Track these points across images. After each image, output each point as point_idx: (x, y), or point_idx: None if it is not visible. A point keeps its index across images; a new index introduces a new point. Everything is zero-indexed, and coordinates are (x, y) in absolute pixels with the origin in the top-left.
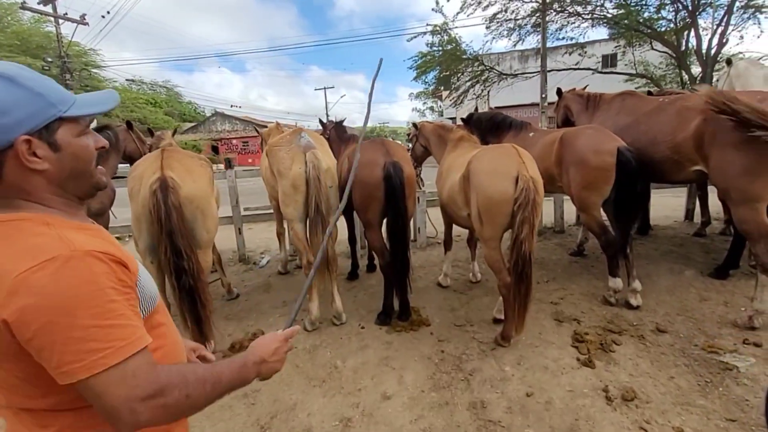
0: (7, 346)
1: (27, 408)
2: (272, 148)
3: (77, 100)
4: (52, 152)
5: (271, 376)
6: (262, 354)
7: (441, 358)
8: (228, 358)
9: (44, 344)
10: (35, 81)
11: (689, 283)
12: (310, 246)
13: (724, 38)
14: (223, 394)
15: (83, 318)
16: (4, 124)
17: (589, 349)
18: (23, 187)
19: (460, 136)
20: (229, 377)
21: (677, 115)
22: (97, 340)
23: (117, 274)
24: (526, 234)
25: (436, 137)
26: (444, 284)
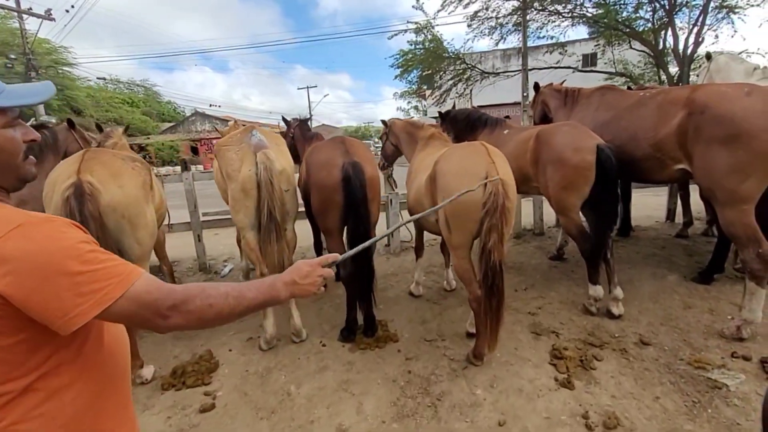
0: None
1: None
2: (220, 148)
3: (5, 90)
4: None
5: (305, 297)
6: (293, 276)
7: (407, 380)
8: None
9: (46, 298)
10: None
11: (673, 288)
12: (264, 257)
13: (699, 37)
14: (251, 308)
15: (74, 266)
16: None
17: (568, 367)
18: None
19: (430, 134)
20: (255, 294)
21: (658, 110)
22: (96, 281)
23: (80, 231)
24: (493, 243)
25: (406, 135)
26: (416, 293)
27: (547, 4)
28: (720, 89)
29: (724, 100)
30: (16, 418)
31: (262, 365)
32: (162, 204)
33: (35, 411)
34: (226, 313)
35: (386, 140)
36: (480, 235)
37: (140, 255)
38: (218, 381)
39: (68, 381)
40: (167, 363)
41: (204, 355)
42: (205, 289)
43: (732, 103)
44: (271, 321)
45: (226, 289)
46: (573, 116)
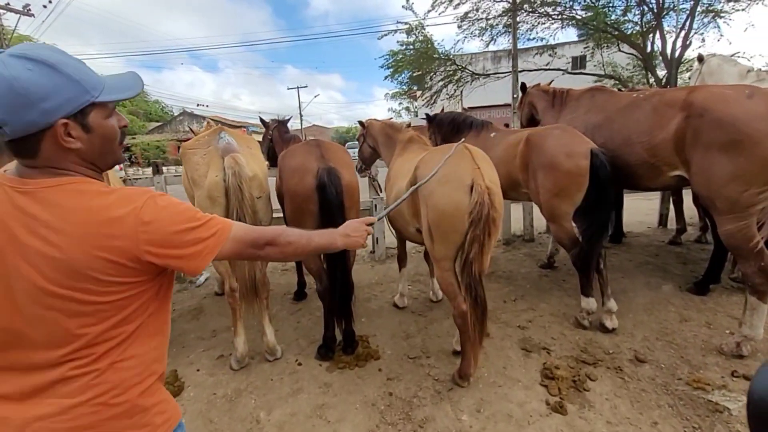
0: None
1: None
2: (186, 151)
3: (106, 85)
4: (84, 133)
5: (356, 248)
6: (347, 230)
7: (388, 403)
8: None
9: (181, 246)
10: (73, 68)
11: (668, 300)
12: (233, 269)
13: (687, 41)
14: (317, 248)
15: (192, 222)
16: (46, 108)
17: (560, 388)
18: (57, 162)
19: (409, 137)
20: (319, 239)
21: (654, 112)
22: (209, 229)
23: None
24: (475, 254)
25: (384, 137)
26: (400, 305)
27: (537, 6)
28: (720, 91)
29: (724, 102)
30: (118, 357)
31: (232, 387)
32: None
33: (131, 351)
34: (300, 251)
35: (363, 142)
36: (463, 245)
37: None
38: (182, 406)
39: (153, 330)
40: None
41: (168, 378)
42: (285, 230)
43: (733, 106)
44: (242, 339)
45: (300, 232)
46: (561, 119)
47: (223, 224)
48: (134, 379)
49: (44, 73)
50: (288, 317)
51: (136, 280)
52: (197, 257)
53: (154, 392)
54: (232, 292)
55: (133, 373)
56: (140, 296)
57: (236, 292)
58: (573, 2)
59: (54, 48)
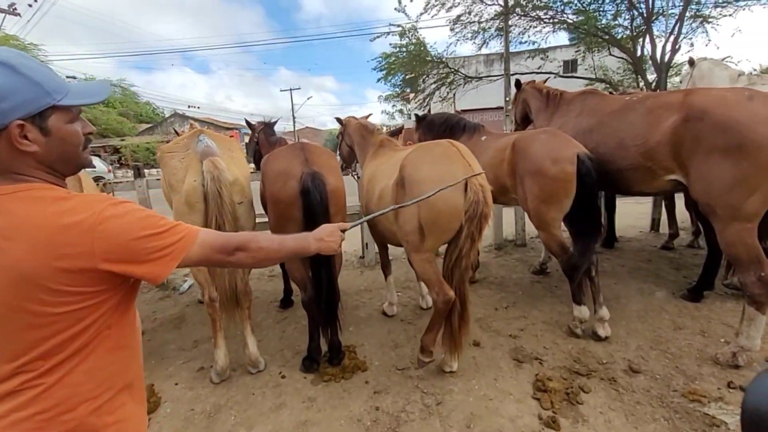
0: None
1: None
2: (164, 155)
3: (71, 89)
4: (42, 136)
5: (327, 252)
6: (322, 234)
7: (374, 418)
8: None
9: (143, 254)
10: (34, 70)
11: (661, 306)
12: (213, 278)
13: (676, 45)
14: (290, 253)
15: (152, 229)
16: (2, 109)
17: (552, 401)
18: (13, 165)
19: (380, 140)
20: (292, 243)
21: (648, 115)
22: (173, 236)
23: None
24: (467, 249)
25: (359, 137)
26: (389, 313)
27: (529, 10)
28: (719, 93)
29: (726, 105)
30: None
31: (211, 402)
32: None
33: (85, 365)
34: (273, 254)
35: (342, 140)
36: (457, 239)
37: None
38: (157, 424)
39: (113, 344)
40: None
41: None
42: (257, 235)
43: (735, 109)
44: (222, 351)
45: (273, 237)
46: (554, 122)
47: (189, 230)
48: (85, 395)
49: (2, 74)
50: (273, 326)
51: (94, 290)
52: (159, 265)
53: (111, 411)
54: (212, 302)
55: (85, 389)
56: (98, 307)
57: (216, 302)
58: (564, 6)
59: (17, 51)
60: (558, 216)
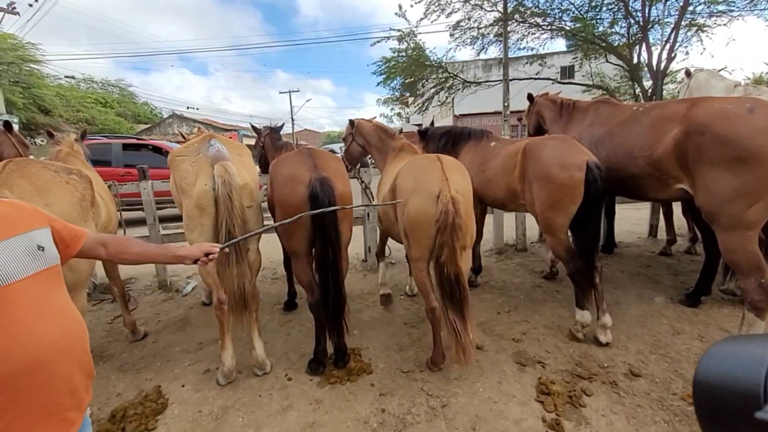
0: None
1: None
2: (175, 159)
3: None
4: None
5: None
6: (183, 251)
7: (380, 420)
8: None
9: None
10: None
11: (660, 312)
12: (221, 281)
13: (672, 53)
14: (151, 258)
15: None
16: None
17: (556, 404)
18: None
19: (401, 145)
20: (155, 250)
21: (652, 127)
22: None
23: None
24: (446, 257)
25: (377, 140)
26: (383, 292)
27: (527, 17)
28: (720, 106)
29: (726, 119)
30: None
31: (218, 404)
32: (110, 221)
33: None
34: (134, 255)
35: (351, 141)
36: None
37: (74, 283)
38: (164, 425)
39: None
40: (108, 402)
41: (150, 394)
42: (117, 238)
43: (736, 123)
44: (230, 353)
45: (139, 242)
46: (568, 130)
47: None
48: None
49: None
50: (278, 329)
51: None
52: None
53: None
54: (220, 304)
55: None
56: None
57: (224, 304)
58: (562, 14)
59: None
60: (565, 222)
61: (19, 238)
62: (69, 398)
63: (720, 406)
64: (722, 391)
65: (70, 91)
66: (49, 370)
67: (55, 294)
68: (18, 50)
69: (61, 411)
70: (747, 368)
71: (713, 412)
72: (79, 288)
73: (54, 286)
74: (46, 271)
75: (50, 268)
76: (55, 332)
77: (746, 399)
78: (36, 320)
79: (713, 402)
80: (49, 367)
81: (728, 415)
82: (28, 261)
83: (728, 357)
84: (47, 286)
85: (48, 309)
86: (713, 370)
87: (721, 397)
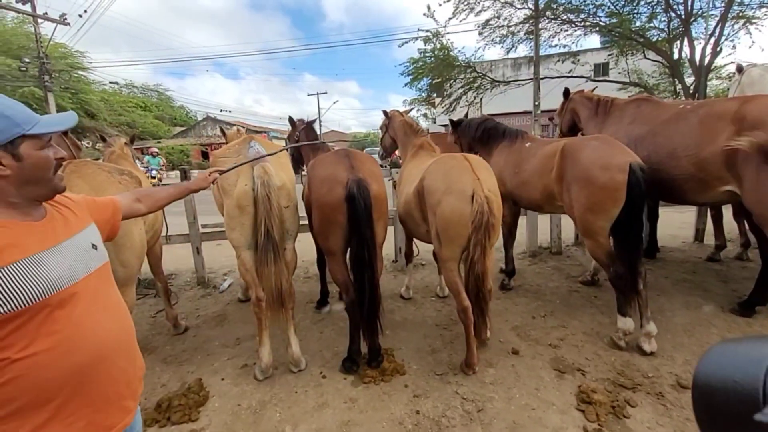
0: None
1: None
2: (217, 160)
3: (41, 120)
4: (14, 162)
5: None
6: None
7: (415, 422)
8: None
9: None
10: (4, 105)
11: (709, 321)
12: (260, 279)
13: (717, 47)
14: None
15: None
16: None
17: (598, 414)
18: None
19: (421, 143)
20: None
21: (701, 125)
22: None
23: None
24: (478, 257)
25: (402, 134)
26: (405, 296)
27: (560, 14)
28: None
29: None
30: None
31: (256, 398)
32: (157, 219)
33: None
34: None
35: (385, 132)
36: (468, 248)
37: (125, 278)
38: (207, 417)
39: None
40: (154, 392)
41: (193, 386)
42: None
43: None
44: (267, 349)
45: (160, 188)
46: (605, 129)
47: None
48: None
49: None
50: (311, 327)
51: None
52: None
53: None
54: (259, 301)
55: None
56: None
57: (263, 301)
58: (596, 9)
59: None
60: (605, 225)
61: (78, 236)
62: (126, 388)
63: (719, 408)
64: (721, 393)
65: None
66: (110, 361)
67: (109, 290)
68: (68, 58)
69: (120, 399)
70: (746, 370)
71: (712, 414)
72: (130, 283)
73: (107, 283)
74: (101, 269)
75: (104, 265)
76: (113, 326)
77: (745, 401)
78: (98, 315)
79: (712, 404)
80: (110, 359)
81: (727, 418)
82: (87, 259)
83: (728, 358)
84: (102, 282)
85: (105, 304)
86: (712, 371)
87: (720, 399)
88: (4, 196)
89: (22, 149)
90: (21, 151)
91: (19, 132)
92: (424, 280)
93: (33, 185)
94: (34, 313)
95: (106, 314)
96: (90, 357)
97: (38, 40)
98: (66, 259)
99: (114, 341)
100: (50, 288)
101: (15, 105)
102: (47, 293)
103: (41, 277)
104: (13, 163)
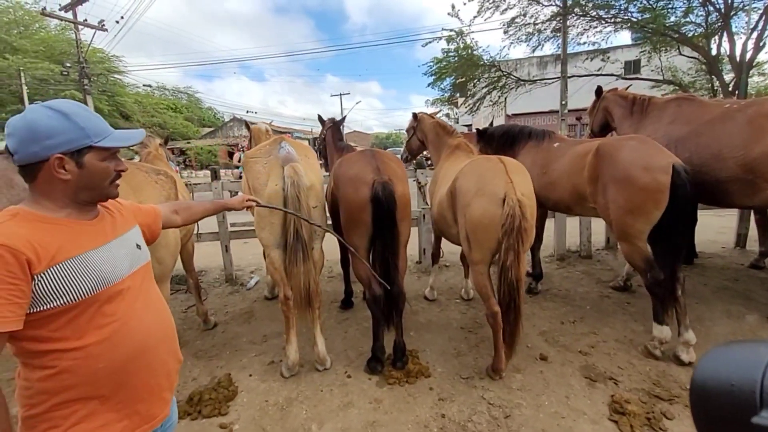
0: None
1: None
2: (248, 160)
3: (112, 134)
4: (77, 169)
5: (235, 208)
6: (233, 198)
7: (441, 426)
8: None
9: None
10: (82, 117)
11: (753, 331)
12: (288, 278)
13: (760, 42)
14: (211, 212)
15: None
16: (48, 144)
17: (632, 425)
18: (48, 189)
19: (457, 143)
20: (211, 206)
21: (750, 125)
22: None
23: (5, 264)
24: (511, 261)
25: (434, 135)
26: (429, 297)
27: (589, 10)
28: None
29: None
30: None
31: (283, 395)
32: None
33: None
34: (200, 214)
35: (413, 134)
36: (499, 252)
37: (160, 275)
38: (235, 411)
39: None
40: (185, 385)
41: (222, 381)
42: (189, 202)
43: None
44: (294, 347)
45: (197, 203)
46: (642, 128)
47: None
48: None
49: (56, 118)
50: (335, 326)
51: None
52: None
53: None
54: (287, 300)
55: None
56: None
57: (290, 300)
58: (628, 4)
59: (76, 103)
60: (645, 228)
61: (125, 236)
62: (165, 380)
63: (717, 410)
64: (719, 396)
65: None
66: (153, 354)
67: (151, 286)
68: (105, 63)
69: (160, 391)
70: (743, 373)
71: (710, 417)
72: (164, 280)
73: (149, 280)
74: (144, 267)
75: (146, 264)
76: (155, 321)
77: (742, 404)
78: (141, 311)
79: (710, 407)
80: (152, 352)
81: (725, 421)
82: (132, 258)
83: (725, 362)
84: (145, 280)
85: (148, 300)
86: (710, 375)
87: (717, 402)
88: (62, 196)
89: (86, 158)
90: (85, 159)
91: (88, 143)
92: (449, 282)
93: (89, 191)
94: (85, 308)
95: (149, 309)
96: (135, 349)
97: (78, 45)
98: (114, 258)
99: (156, 334)
100: (100, 284)
101: (92, 118)
102: (97, 288)
103: (93, 273)
104: (75, 170)
